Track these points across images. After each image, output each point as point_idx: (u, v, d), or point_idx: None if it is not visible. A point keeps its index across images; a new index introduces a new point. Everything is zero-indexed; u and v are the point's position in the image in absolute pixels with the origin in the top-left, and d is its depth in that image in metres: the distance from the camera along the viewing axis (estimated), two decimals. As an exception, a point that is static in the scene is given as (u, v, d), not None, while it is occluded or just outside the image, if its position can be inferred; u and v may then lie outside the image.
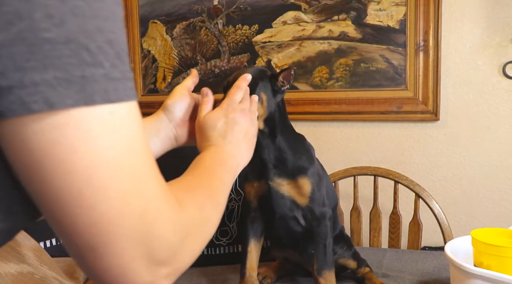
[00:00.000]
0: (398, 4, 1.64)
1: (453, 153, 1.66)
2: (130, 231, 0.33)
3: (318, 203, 0.90)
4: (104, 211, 0.32)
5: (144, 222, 0.34)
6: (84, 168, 0.31)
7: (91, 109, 0.31)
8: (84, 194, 0.32)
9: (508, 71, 1.56)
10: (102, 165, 0.32)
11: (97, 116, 0.31)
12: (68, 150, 0.31)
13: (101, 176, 0.32)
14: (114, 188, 0.33)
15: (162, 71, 2.03)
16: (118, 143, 0.33)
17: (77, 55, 0.30)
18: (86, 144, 0.31)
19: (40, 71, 0.29)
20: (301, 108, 1.78)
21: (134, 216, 0.34)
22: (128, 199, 0.33)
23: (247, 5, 1.84)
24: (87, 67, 0.31)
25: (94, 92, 0.31)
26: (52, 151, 0.31)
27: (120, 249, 0.33)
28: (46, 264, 0.97)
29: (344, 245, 1.02)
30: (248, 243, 0.94)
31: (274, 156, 0.90)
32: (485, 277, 0.76)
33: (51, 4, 0.29)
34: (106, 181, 0.32)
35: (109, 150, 0.32)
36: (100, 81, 0.31)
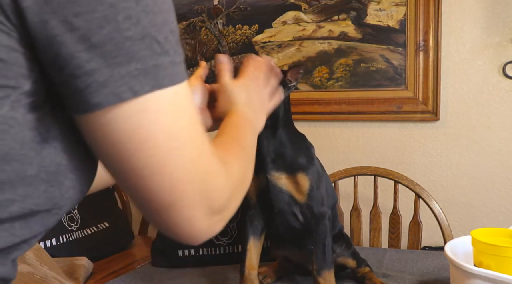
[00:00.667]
0: (398, 4, 1.64)
1: (453, 153, 1.66)
2: (197, 189, 0.40)
3: (317, 202, 0.90)
4: (180, 176, 0.39)
5: (206, 181, 0.41)
6: (164, 143, 0.37)
7: (162, 92, 0.36)
8: (164, 165, 0.38)
9: (508, 71, 1.56)
10: (176, 138, 0.38)
11: (167, 98, 0.37)
12: (149, 130, 0.36)
13: (177, 147, 0.38)
14: (187, 156, 0.39)
15: (162, 71, 2.03)
16: (184, 117, 0.39)
17: (150, 47, 0.35)
18: (162, 123, 0.37)
19: (125, 65, 0.34)
20: (301, 108, 1.78)
21: (200, 177, 0.41)
22: (196, 164, 0.40)
23: (247, 5, 1.84)
24: (158, 56, 0.36)
25: (164, 78, 0.36)
26: (137, 133, 0.36)
27: (190, 204, 0.40)
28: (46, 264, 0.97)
29: (343, 244, 1.02)
30: (248, 241, 0.95)
31: (274, 149, 0.90)
32: (485, 277, 0.76)
33: (129, 6, 0.34)
34: (180, 151, 0.39)
35: (179, 124, 0.38)
36: (167, 67, 0.37)
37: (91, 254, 1.20)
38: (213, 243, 1.22)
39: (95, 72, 0.34)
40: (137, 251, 1.42)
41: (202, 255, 1.21)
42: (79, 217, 1.30)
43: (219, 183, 0.44)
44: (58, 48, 0.33)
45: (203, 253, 1.22)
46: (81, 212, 1.31)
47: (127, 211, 1.75)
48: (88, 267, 1.14)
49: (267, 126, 0.89)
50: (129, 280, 1.11)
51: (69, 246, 1.23)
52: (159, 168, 0.38)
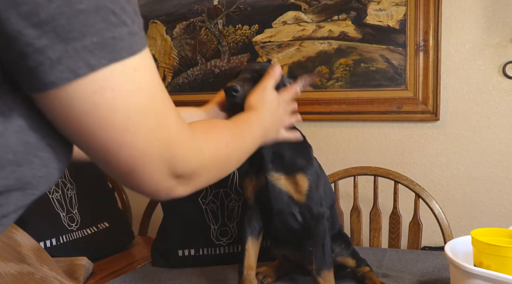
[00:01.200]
0: (398, 4, 1.64)
1: (453, 153, 1.66)
2: (158, 156, 0.42)
3: (315, 202, 0.91)
4: (140, 146, 0.40)
5: (168, 148, 0.43)
6: (123, 120, 0.37)
7: (120, 65, 0.36)
8: (124, 137, 0.38)
9: (508, 71, 1.56)
10: (135, 113, 0.38)
11: (125, 71, 0.36)
12: (107, 109, 0.36)
13: (135, 120, 0.38)
14: (145, 127, 0.39)
15: (162, 71, 2.03)
16: (144, 90, 0.39)
17: (106, 19, 0.34)
18: (121, 101, 0.37)
19: (80, 40, 0.33)
20: (301, 108, 1.75)
21: (161, 145, 0.42)
22: (156, 133, 0.41)
23: (247, 5, 1.84)
24: (115, 28, 0.35)
25: (122, 49, 0.35)
26: (96, 111, 0.36)
27: (151, 169, 0.42)
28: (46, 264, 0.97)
29: (342, 243, 1.02)
30: (246, 241, 0.95)
31: (273, 150, 0.91)
32: (485, 277, 0.76)
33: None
34: (139, 123, 0.39)
35: (138, 99, 0.38)
36: (125, 38, 0.36)
37: (91, 254, 1.20)
38: (213, 243, 1.22)
39: (47, 49, 0.32)
40: (137, 251, 1.42)
41: (202, 255, 1.21)
42: (79, 217, 1.30)
43: (183, 151, 0.45)
44: (2, 25, 0.31)
45: (203, 253, 1.22)
46: (81, 212, 1.31)
47: (127, 211, 1.75)
48: (88, 267, 1.14)
49: None
50: (129, 280, 1.10)
51: (69, 246, 1.23)
52: (119, 142, 0.38)
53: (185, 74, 1.98)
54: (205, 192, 1.22)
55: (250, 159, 0.93)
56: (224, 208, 1.23)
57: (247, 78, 0.88)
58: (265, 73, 0.86)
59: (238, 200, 1.23)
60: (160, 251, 1.22)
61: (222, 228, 1.23)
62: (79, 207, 1.32)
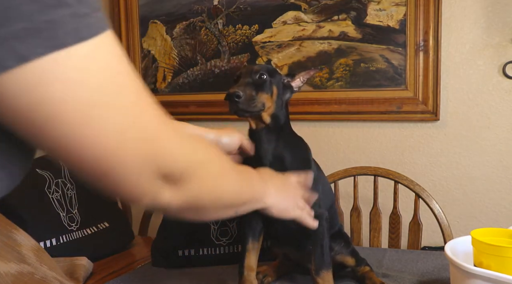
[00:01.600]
0: (398, 4, 1.64)
1: (453, 153, 1.66)
2: (136, 153, 0.37)
3: (314, 204, 0.91)
4: (105, 145, 0.34)
5: (148, 142, 0.37)
6: (76, 116, 0.32)
7: (65, 53, 0.29)
8: (83, 136, 0.33)
9: (508, 71, 1.56)
10: (91, 106, 0.32)
11: (74, 59, 0.30)
12: (54, 105, 0.30)
13: (95, 115, 0.33)
14: (113, 121, 0.34)
15: (162, 71, 2.03)
16: (101, 80, 0.32)
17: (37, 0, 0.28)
18: (70, 91, 0.31)
19: (5, 25, 0.27)
20: (301, 108, 1.78)
21: (138, 140, 0.36)
22: (130, 128, 0.36)
23: (247, 5, 1.84)
24: (52, 10, 0.29)
25: (65, 35, 0.29)
26: (39, 109, 0.30)
27: (128, 168, 0.37)
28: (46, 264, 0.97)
29: (342, 242, 1.02)
30: (246, 242, 0.95)
31: (272, 153, 0.91)
32: (485, 277, 0.76)
33: None
34: (100, 120, 0.33)
35: (94, 90, 0.32)
36: (67, 21, 0.29)
37: (91, 254, 1.20)
38: (213, 243, 1.22)
39: None
40: (137, 251, 1.42)
41: (202, 255, 1.21)
42: (79, 217, 1.30)
43: (168, 144, 0.40)
44: None
45: (203, 253, 1.22)
46: (81, 212, 1.31)
47: (127, 211, 1.75)
48: (88, 267, 1.14)
49: (270, 130, 0.90)
50: (129, 280, 1.10)
51: (69, 246, 1.23)
52: (79, 140, 0.33)
53: (185, 74, 1.98)
54: (205, 192, 1.22)
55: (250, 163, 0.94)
56: (224, 208, 1.23)
57: (248, 83, 0.88)
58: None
59: (238, 200, 1.23)
60: (160, 251, 1.22)
61: (222, 228, 1.23)
62: (79, 207, 1.32)
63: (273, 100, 0.90)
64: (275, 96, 0.91)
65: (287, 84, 0.94)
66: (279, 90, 0.91)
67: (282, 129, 0.92)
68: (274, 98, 0.90)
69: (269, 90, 0.89)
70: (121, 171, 0.37)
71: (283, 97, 0.93)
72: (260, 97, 0.87)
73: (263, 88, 0.89)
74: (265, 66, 0.94)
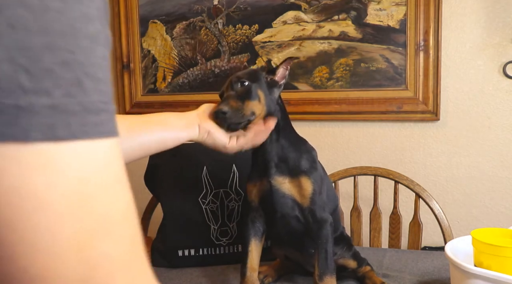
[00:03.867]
0: (398, 4, 1.64)
1: (453, 153, 1.66)
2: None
3: (319, 206, 0.90)
4: (30, 270, 0.24)
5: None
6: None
7: (27, 149, 0.24)
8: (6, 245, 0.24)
9: (508, 71, 1.56)
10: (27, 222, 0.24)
11: (35, 160, 0.24)
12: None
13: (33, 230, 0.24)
14: (50, 253, 0.25)
15: (162, 71, 2.03)
16: (64, 201, 0.25)
17: (11, 78, 0.23)
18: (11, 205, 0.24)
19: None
20: (301, 108, 1.78)
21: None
22: (65, 266, 0.25)
23: (247, 5, 1.84)
24: (24, 95, 0.24)
25: (31, 127, 0.24)
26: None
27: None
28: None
29: (344, 245, 1.02)
30: (249, 243, 0.94)
31: (276, 154, 0.90)
32: (485, 277, 0.76)
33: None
34: (38, 241, 0.24)
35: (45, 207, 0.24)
36: (43, 113, 0.24)
37: (91, 254, 1.20)
38: (213, 243, 1.22)
39: None
40: (137, 251, 1.42)
41: (202, 255, 1.21)
42: (79, 217, 1.30)
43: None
44: None
45: (203, 253, 1.21)
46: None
47: (127, 211, 1.74)
48: (88, 267, 1.14)
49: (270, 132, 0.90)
50: (129, 280, 1.10)
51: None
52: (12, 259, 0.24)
53: (185, 74, 1.98)
54: (205, 192, 1.22)
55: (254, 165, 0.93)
56: (224, 208, 1.23)
57: (231, 95, 0.87)
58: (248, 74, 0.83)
59: (238, 200, 1.23)
60: (160, 251, 1.22)
61: (222, 228, 1.22)
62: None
63: (262, 104, 0.88)
64: (263, 99, 0.88)
65: (271, 81, 0.92)
66: (265, 92, 0.89)
67: (282, 130, 0.92)
68: (263, 102, 0.88)
69: (255, 95, 0.87)
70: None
71: (272, 96, 0.91)
72: (248, 106, 0.85)
73: (248, 96, 0.86)
74: (244, 72, 0.91)
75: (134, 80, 2.08)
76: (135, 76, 2.08)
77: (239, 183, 1.23)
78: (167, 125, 0.82)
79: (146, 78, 2.06)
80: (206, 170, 1.22)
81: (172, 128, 0.82)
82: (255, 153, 0.94)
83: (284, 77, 0.93)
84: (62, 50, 0.25)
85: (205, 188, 1.22)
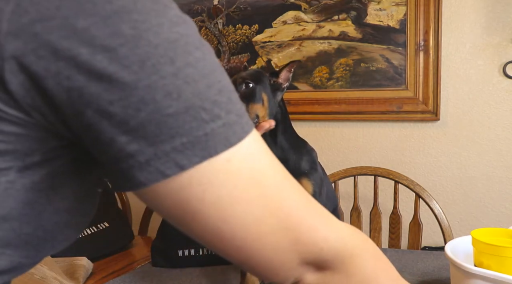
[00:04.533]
0: (398, 4, 1.64)
1: (453, 153, 1.66)
2: (276, 246, 0.37)
3: None
4: (244, 238, 0.36)
5: (290, 235, 0.38)
6: (217, 214, 0.35)
7: (215, 159, 0.33)
8: (223, 232, 0.36)
9: (508, 71, 1.56)
10: (232, 204, 0.35)
11: (216, 167, 0.34)
12: (196, 206, 0.34)
13: (235, 211, 0.35)
14: (248, 218, 0.36)
15: (162, 71, 2.03)
16: (241, 180, 0.35)
17: (196, 118, 0.32)
18: (210, 192, 0.34)
19: (169, 142, 0.32)
20: (301, 108, 1.77)
21: (277, 233, 0.37)
22: (264, 222, 0.37)
23: (247, 5, 1.84)
24: (207, 124, 0.33)
25: (216, 144, 0.33)
26: (185, 207, 0.34)
27: (269, 260, 0.38)
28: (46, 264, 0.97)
29: None
30: None
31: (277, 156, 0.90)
32: (485, 277, 0.76)
33: (168, 83, 0.32)
34: (240, 215, 0.35)
35: (233, 189, 0.35)
36: (220, 132, 0.33)
37: (91, 254, 1.20)
38: (213, 243, 1.22)
39: (137, 153, 0.32)
40: (137, 251, 1.42)
41: (202, 255, 1.21)
42: (79, 217, 1.30)
43: (315, 235, 0.39)
44: (96, 134, 0.32)
45: (203, 253, 1.21)
46: (81, 212, 1.31)
47: (127, 211, 1.75)
48: (88, 267, 1.14)
49: (269, 132, 0.89)
50: (129, 280, 1.10)
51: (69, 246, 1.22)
52: (219, 236, 0.36)
53: (185, 74, 1.98)
54: (205, 192, 1.22)
55: None
56: (224, 208, 1.23)
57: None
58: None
59: (238, 200, 1.23)
60: (160, 251, 1.22)
61: (222, 228, 1.22)
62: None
63: (265, 108, 0.87)
64: (267, 102, 0.87)
65: (275, 84, 0.91)
66: (269, 95, 0.88)
67: (282, 131, 0.91)
68: (266, 105, 0.87)
69: (259, 98, 0.86)
70: (262, 260, 0.38)
71: (275, 99, 0.90)
72: (252, 109, 0.84)
73: (252, 98, 0.85)
74: (248, 73, 0.90)
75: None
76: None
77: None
78: None
79: (146, 78, 2.06)
80: (206, 170, 1.22)
81: None
82: None
83: (288, 80, 0.92)
84: (216, 83, 0.34)
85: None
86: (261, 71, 0.93)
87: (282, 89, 0.92)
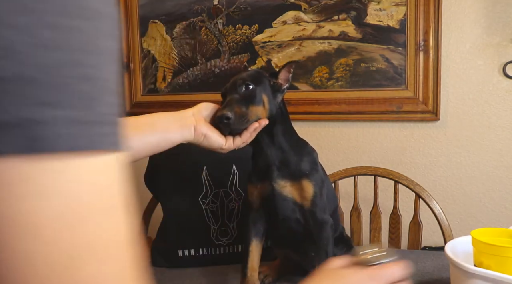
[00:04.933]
0: (398, 4, 1.64)
1: (453, 153, 1.66)
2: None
3: (320, 208, 0.90)
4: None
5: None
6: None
7: (39, 159, 0.24)
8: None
9: (508, 71, 1.56)
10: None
11: (47, 168, 0.24)
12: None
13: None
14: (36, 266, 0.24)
15: (162, 71, 2.03)
16: (57, 210, 0.24)
17: (25, 93, 0.23)
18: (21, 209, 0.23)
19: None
20: (301, 108, 1.77)
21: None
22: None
23: (247, 5, 1.84)
24: (38, 106, 0.24)
25: (44, 138, 0.24)
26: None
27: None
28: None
29: (344, 246, 1.02)
30: (250, 243, 0.94)
31: (278, 157, 0.90)
32: (485, 277, 0.76)
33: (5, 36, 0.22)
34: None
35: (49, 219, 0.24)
36: (57, 124, 0.24)
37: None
38: (213, 243, 1.22)
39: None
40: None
41: (202, 255, 1.21)
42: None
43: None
44: None
45: (203, 253, 1.21)
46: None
47: (127, 211, 1.74)
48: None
49: (268, 134, 0.89)
50: (129, 280, 1.10)
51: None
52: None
53: (185, 74, 1.98)
54: (205, 192, 1.22)
55: (255, 166, 0.93)
56: (224, 208, 1.23)
57: (235, 99, 0.84)
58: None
59: (238, 200, 1.23)
60: (160, 251, 1.22)
61: (222, 228, 1.22)
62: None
63: (266, 109, 0.86)
64: (267, 104, 0.87)
65: (275, 85, 0.90)
66: (269, 97, 0.87)
67: (281, 131, 0.91)
68: (267, 107, 0.87)
69: (260, 100, 0.85)
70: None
71: (275, 100, 0.89)
72: (252, 111, 0.84)
73: (253, 100, 0.84)
74: (248, 74, 0.89)
75: (134, 80, 2.08)
76: (135, 76, 2.08)
77: (239, 183, 1.23)
78: (158, 127, 0.80)
79: (146, 78, 2.06)
80: (206, 170, 1.22)
81: (164, 130, 0.80)
82: (255, 155, 0.94)
83: (287, 81, 0.92)
84: (83, 66, 0.25)
85: (205, 188, 1.22)
86: (261, 71, 0.93)
87: (282, 91, 0.91)
